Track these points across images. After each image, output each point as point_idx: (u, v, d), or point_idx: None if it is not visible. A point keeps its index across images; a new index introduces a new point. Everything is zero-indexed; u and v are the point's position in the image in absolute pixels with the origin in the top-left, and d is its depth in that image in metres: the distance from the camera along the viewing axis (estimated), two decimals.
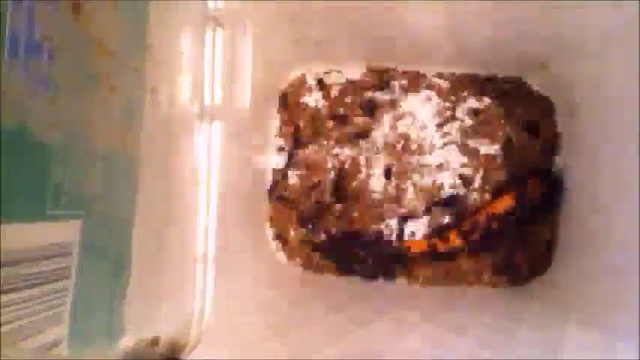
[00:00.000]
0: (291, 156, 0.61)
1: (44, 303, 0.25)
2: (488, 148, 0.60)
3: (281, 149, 0.62)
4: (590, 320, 0.42)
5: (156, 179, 0.36)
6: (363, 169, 0.60)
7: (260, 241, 0.59)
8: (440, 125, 0.60)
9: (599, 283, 0.44)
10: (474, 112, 0.60)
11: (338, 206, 0.60)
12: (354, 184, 0.60)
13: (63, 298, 0.27)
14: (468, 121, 0.60)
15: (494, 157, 0.59)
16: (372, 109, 0.61)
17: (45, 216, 0.25)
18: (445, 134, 0.60)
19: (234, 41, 0.45)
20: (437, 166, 0.60)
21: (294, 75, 0.62)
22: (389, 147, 0.60)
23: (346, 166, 0.61)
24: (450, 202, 0.59)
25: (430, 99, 0.61)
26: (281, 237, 0.60)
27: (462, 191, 0.59)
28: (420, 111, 0.61)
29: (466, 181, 0.59)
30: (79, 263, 0.28)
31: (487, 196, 0.59)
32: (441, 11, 0.49)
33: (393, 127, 0.61)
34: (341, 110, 0.61)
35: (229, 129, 0.44)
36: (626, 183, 0.40)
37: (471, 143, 0.60)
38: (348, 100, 0.61)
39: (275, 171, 0.61)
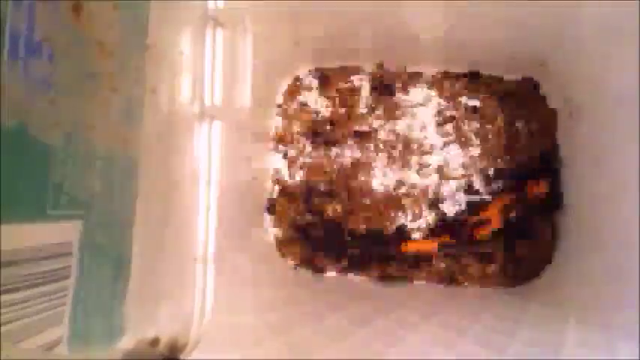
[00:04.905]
0: (291, 156, 0.61)
1: (44, 303, 0.25)
2: (488, 148, 0.60)
3: (281, 149, 0.62)
4: (590, 320, 0.42)
5: (156, 179, 0.36)
6: (364, 169, 0.60)
7: (260, 241, 0.59)
8: (440, 125, 0.60)
9: (599, 283, 0.44)
10: (474, 112, 0.60)
11: (338, 206, 0.60)
12: (355, 184, 0.60)
13: (63, 298, 0.27)
14: (468, 121, 0.60)
15: (494, 156, 0.59)
16: (372, 109, 0.61)
17: (45, 216, 0.25)
18: (445, 134, 0.60)
19: (234, 41, 0.45)
20: (437, 166, 0.60)
21: (294, 75, 0.62)
22: (389, 147, 0.60)
23: (346, 166, 0.61)
24: (451, 203, 0.59)
25: (430, 99, 0.61)
26: (281, 237, 0.60)
27: (462, 191, 0.59)
28: (420, 111, 0.61)
29: (466, 181, 0.59)
30: (79, 263, 0.28)
31: (487, 195, 0.59)
32: (441, 11, 0.49)
33: (394, 127, 0.61)
34: (341, 110, 0.61)
35: (229, 129, 0.44)
36: (626, 183, 0.40)
37: (471, 142, 0.60)
38: (347, 100, 0.61)
39: (275, 171, 0.61)
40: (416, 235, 0.59)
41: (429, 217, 0.59)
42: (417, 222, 0.59)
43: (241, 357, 0.38)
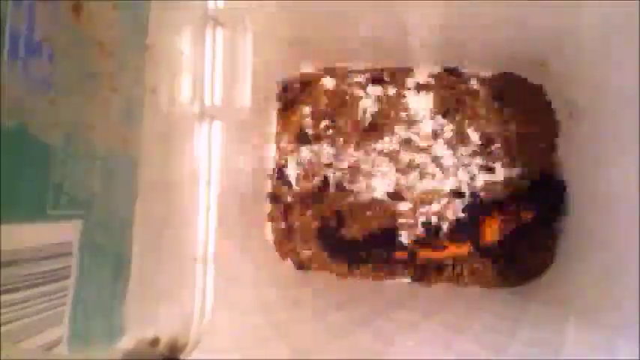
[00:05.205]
0: (290, 156, 0.61)
1: (44, 303, 0.25)
2: (488, 148, 0.60)
3: (281, 149, 0.62)
4: (590, 320, 0.42)
5: (156, 179, 0.36)
6: (364, 169, 0.60)
7: (260, 241, 0.59)
8: (440, 125, 0.60)
9: (599, 283, 0.44)
10: (474, 112, 0.60)
11: (339, 207, 0.60)
12: (354, 184, 0.60)
13: (63, 298, 0.27)
14: (468, 121, 0.60)
15: (494, 156, 0.59)
16: (372, 109, 0.61)
17: (45, 216, 0.25)
18: (445, 134, 0.60)
19: (234, 41, 0.45)
20: (437, 166, 0.60)
21: (294, 75, 0.62)
22: (389, 147, 0.60)
23: (347, 166, 0.61)
24: (449, 204, 0.59)
25: (430, 99, 0.61)
26: (280, 237, 0.60)
27: (462, 191, 0.59)
28: (420, 111, 0.61)
29: (467, 182, 0.59)
30: (79, 263, 0.28)
31: (488, 197, 0.59)
32: (441, 11, 0.49)
33: (393, 127, 0.61)
34: (341, 110, 0.61)
35: (229, 129, 0.44)
36: (627, 183, 0.40)
37: (472, 143, 0.60)
38: (347, 99, 0.61)
39: (275, 171, 0.61)
40: (415, 237, 0.59)
41: (428, 218, 0.59)
42: (417, 220, 0.59)
43: (242, 357, 0.38)
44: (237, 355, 0.38)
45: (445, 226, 0.59)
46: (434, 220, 0.59)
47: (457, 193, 0.59)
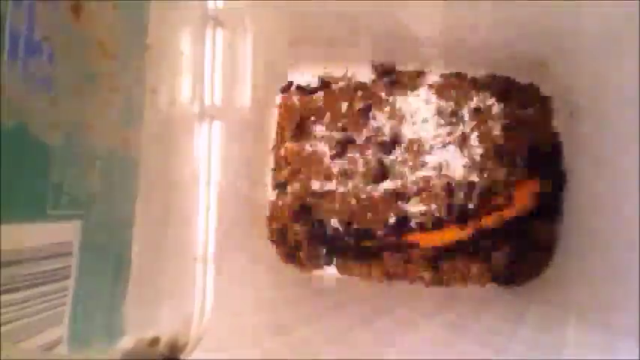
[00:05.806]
0: (291, 156, 0.61)
1: (44, 303, 0.25)
2: (488, 148, 0.59)
3: (281, 149, 0.61)
4: (590, 320, 0.42)
5: (156, 179, 0.36)
6: (364, 168, 0.60)
7: (260, 241, 0.59)
8: (440, 125, 0.60)
9: (599, 283, 0.44)
10: (474, 112, 0.60)
11: (338, 205, 0.60)
12: (354, 183, 0.60)
13: (63, 298, 0.27)
14: (468, 121, 0.60)
15: (494, 156, 0.59)
16: (372, 109, 0.61)
17: (45, 216, 0.25)
18: (445, 134, 0.60)
19: (234, 41, 0.45)
20: (437, 166, 0.60)
21: (293, 75, 0.62)
22: (389, 147, 0.60)
23: (346, 166, 0.61)
24: (450, 202, 0.59)
25: (430, 99, 0.61)
26: (280, 236, 0.60)
27: (462, 191, 0.59)
28: (420, 111, 0.61)
29: (466, 181, 0.59)
30: (79, 263, 0.28)
31: (488, 196, 0.59)
32: (441, 11, 0.49)
33: (393, 127, 0.61)
34: (341, 110, 0.61)
35: (229, 129, 0.44)
36: (627, 183, 0.40)
37: (472, 143, 0.60)
38: (347, 100, 0.61)
39: (275, 170, 0.61)
40: (414, 234, 0.59)
41: (428, 217, 0.59)
42: (416, 220, 0.59)
43: (241, 357, 0.38)
44: (238, 354, 0.38)
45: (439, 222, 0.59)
46: (430, 214, 0.59)
47: (454, 189, 0.59)
